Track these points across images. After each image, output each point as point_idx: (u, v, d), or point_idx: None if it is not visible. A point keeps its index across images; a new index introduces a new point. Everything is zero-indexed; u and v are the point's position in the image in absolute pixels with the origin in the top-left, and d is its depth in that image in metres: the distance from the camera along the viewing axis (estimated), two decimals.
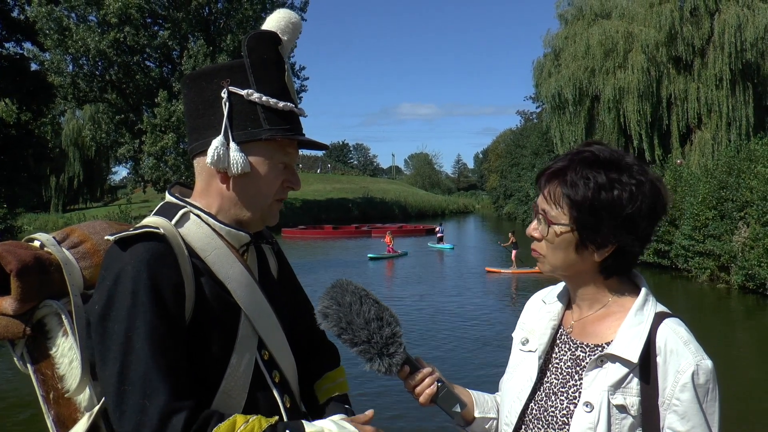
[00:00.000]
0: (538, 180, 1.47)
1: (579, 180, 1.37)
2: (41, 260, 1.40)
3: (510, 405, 1.52)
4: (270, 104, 1.43)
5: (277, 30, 1.50)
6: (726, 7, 24.57)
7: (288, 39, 1.52)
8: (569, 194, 1.38)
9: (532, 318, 1.60)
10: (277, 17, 1.52)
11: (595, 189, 1.35)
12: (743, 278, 15.99)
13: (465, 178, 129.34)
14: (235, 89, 1.42)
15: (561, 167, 1.41)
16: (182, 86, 1.54)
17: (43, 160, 27.97)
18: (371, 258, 25.15)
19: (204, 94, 1.45)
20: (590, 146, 1.43)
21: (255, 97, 1.42)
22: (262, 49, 1.45)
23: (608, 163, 1.38)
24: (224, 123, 1.41)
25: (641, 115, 25.70)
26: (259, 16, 33.75)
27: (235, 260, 1.46)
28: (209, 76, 1.45)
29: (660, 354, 1.34)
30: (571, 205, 1.38)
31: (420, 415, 7.11)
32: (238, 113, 1.43)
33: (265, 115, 1.44)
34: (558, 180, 1.40)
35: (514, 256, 21.62)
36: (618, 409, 1.34)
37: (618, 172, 1.37)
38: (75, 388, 1.39)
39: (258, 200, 1.48)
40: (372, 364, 1.45)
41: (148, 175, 33.92)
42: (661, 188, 1.40)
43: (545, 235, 1.43)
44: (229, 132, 1.42)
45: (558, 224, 1.40)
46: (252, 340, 1.46)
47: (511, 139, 61.67)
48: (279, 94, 1.46)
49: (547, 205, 1.42)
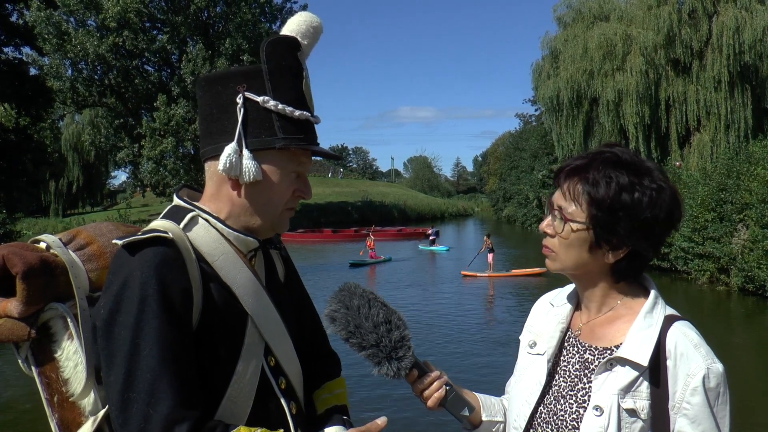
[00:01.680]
0: (556, 176, 1.45)
1: (601, 179, 1.36)
2: (47, 262, 1.38)
3: (519, 408, 1.51)
4: (285, 113, 1.41)
5: (298, 34, 1.47)
6: (724, 9, 24.60)
7: (308, 44, 1.49)
8: (590, 192, 1.36)
9: (539, 321, 1.59)
10: (298, 20, 1.49)
11: (617, 189, 1.35)
12: (743, 280, 16.00)
13: (464, 181, 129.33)
14: (251, 95, 1.40)
15: (582, 164, 1.40)
16: (197, 88, 1.51)
17: (42, 164, 27.97)
18: (352, 264, 24.02)
19: (219, 98, 1.42)
20: (612, 147, 1.42)
21: (271, 105, 1.40)
22: (281, 56, 1.43)
23: (630, 165, 1.38)
24: (238, 129, 1.39)
25: (640, 117, 25.69)
26: (258, 20, 33.76)
27: (242, 265, 1.44)
28: (225, 80, 1.43)
29: (670, 357, 1.33)
30: (591, 203, 1.36)
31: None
32: (252, 120, 1.41)
33: (279, 124, 1.41)
34: (578, 177, 1.39)
35: (491, 260, 21.45)
36: (628, 413, 1.33)
37: (640, 176, 1.36)
38: (80, 392, 1.38)
39: (269, 208, 1.46)
40: (380, 368, 1.43)
41: (147, 179, 33.88)
42: (679, 198, 1.39)
43: (559, 231, 1.41)
44: (243, 139, 1.40)
45: (574, 221, 1.39)
46: (258, 346, 1.44)
47: (510, 141, 61.74)
48: (295, 103, 1.43)
49: (565, 201, 1.40)
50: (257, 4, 34.71)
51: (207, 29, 35.52)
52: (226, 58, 32.50)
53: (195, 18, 34.45)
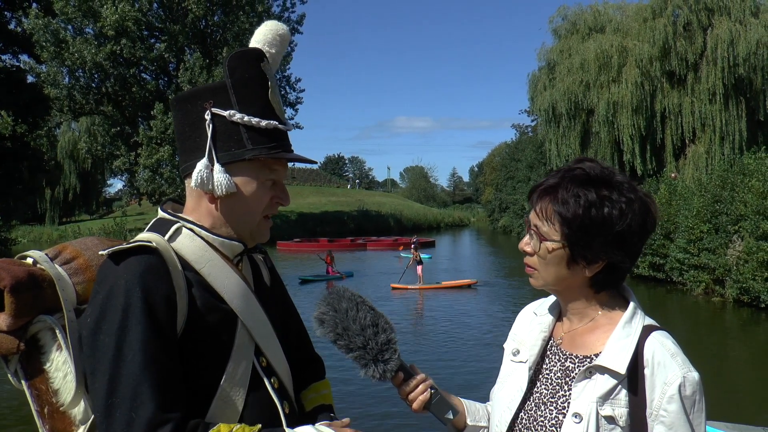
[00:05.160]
0: (530, 196, 1.50)
1: (570, 198, 1.39)
2: (34, 276, 1.40)
3: (500, 414, 1.54)
4: (252, 123, 1.45)
5: (264, 43, 1.51)
6: (719, 22, 24.80)
7: (276, 52, 1.53)
8: (560, 211, 1.40)
9: (523, 329, 1.62)
10: (264, 30, 1.54)
11: (586, 206, 1.37)
12: (738, 292, 16.03)
13: (460, 192, 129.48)
14: (217, 110, 1.44)
15: (552, 184, 1.44)
16: (171, 108, 1.57)
17: (39, 172, 28.00)
18: (302, 281, 21.66)
19: (189, 116, 1.47)
20: (581, 163, 1.45)
21: (237, 118, 1.44)
22: (244, 68, 1.46)
23: (599, 180, 1.41)
24: (208, 145, 1.43)
25: (635, 128, 25.84)
26: (255, 29, 33.92)
27: (230, 270, 1.48)
28: (194, 98, 1.47)
29: (648, 366, 1.36)
30: (563, 222, 1.40)
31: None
32: (221, 134, 1.44)
33: (248, 135, 1.45)
34: (549, 197, 1.42)
35: (420, 272, 21.01)
36: (606, 420, 1.36)
37: (608, 190, 1.39)
38: (69, 402, 1.39)
39: (246, 218, 1.50)
40: (367, 370, 1.47)
41: (143, 187, 33.92)
42: (650, 205, 1.42)
43: (537, 250, 1.45)
44: (213, 154, 1.44)
45: (550, 240, 1.42)
46: (249, 347, 1.48)
47: (506, 152, 61.89)
48: (261, 113, 1.47)
49: (539, 221, 1.44)
50: (255, 13, 34.90)
51: (205, 38, 35.67)
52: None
53: (193, 27, 34.58)
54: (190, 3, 33.11)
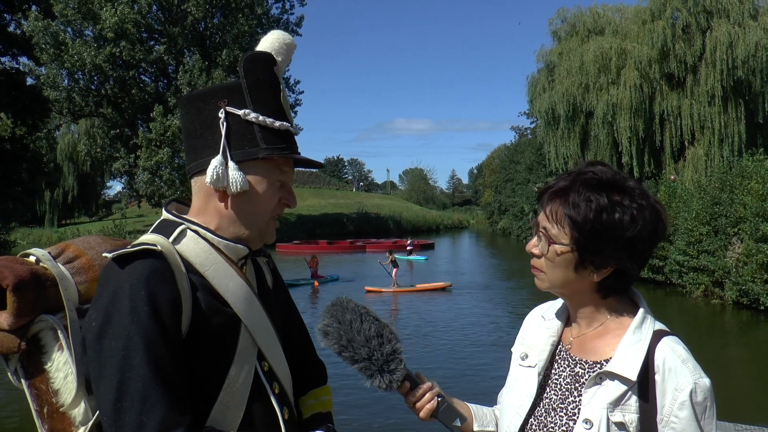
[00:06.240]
0: (540, 198, 1.48)
1: (581, 201, 1.37)
2: (37, 275, 1.40)
3: (509, 420, 1.52)
4: (266, 123, 1.45)
5: (272, 51, 1.52)
6: (717, 25, 24.82)
7: (282, 60, 1.54)
8: (571, 215, 1.38)
9: (531, 333, 1.61)
10: (272, 39, 1.54)
11: (597, 211, 1.36)
12: (737, 294, 16.04)
13: (460, 194, 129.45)
14: (232, 109, 1.44)
15: (564, 187, 1.42)
16: (180, 107, 1.56)
17: (38, 174, 27.95)
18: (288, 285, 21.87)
19: (201, 114, 1.47)
20: (593, 167, 1.44)
21: (252, 117, 1.44)
22: (258, 70, 1.47)
23: (610, 185, 1.39)
24: (222, 143, 1.43)
25: (634, 131, 25.83)
26: (254, 32, 33.90)
27: (234, 273, 1.47)
28: (206, 97, 1.47)
29: (658, 372, 1.35)
30: (572, 226, 1.38)
31: None
32: (235, 133, 1.45)
33: (261, 135, 1.46)
34: (560, 199, 1.41)
35: (394, 275, 21.09)
36: (617, 426, 1.35)
37: (620, 195, 1.38)
38: (70, 403, 1.39)
39: (256, 218, 1.50)
40: (373, 380, 1.46)
41: (142, 189, 33.88)
42: (661, 212, 1.41)
43: (545, 252, 1.44)
44: (227, 151, 1.44)
45: (559, 243, 1.41)
46: (252, 351, 1.47)
47: (505, 154, 61.89)
48: (275, 114, 1.48)
49: (549, 223, 1.42)
50: (254, 16, 34.90)
51: (204, 40, 35.67)
52: (223, 69, 32.60)
53: (192, 29, 34.59)
54: (190, 5, 33.11)
